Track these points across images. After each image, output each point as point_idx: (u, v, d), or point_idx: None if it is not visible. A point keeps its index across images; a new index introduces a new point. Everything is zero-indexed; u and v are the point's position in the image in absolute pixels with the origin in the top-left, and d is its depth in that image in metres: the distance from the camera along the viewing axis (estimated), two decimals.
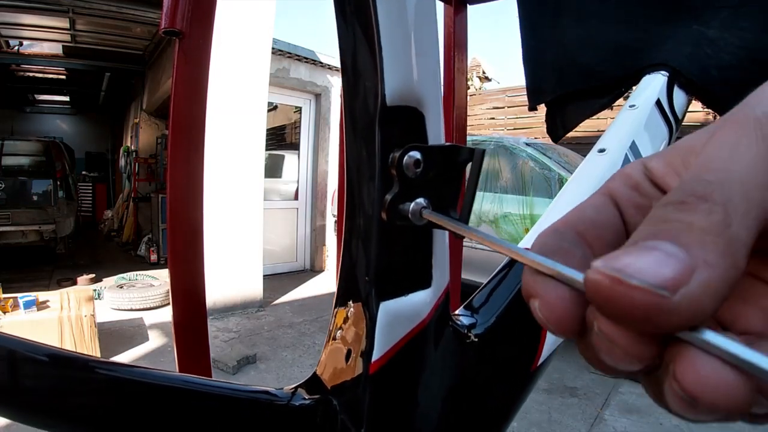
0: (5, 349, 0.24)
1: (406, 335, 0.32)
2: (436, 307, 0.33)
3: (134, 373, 0.28)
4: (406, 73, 0.29)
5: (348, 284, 0.33)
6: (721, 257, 0.12)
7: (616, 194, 0.17)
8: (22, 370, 0.25)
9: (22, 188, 5.33)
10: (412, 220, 0.28)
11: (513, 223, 3.34)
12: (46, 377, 0.26)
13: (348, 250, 0.32)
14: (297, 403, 0.33)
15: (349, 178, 0.32)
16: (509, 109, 6.49)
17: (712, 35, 0.54)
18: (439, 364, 0.35)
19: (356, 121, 0.30)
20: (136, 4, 4.57)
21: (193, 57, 0.53)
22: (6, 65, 7.02)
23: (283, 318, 3.89)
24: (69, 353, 0.27)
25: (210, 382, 0.32)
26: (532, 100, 0.69)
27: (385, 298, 0.31)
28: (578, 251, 0.15)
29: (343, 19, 0.30)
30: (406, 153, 0.28)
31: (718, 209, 0.12)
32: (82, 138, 10.79)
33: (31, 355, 0.25)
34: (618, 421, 2.39)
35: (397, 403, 0.33)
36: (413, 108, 0.30)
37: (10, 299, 2.65)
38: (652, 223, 0.13)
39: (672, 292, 0.11)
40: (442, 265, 0.33)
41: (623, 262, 0.12)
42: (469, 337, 0.37)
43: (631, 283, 0.11)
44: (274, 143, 5.77)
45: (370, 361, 0.30)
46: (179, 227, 0.56)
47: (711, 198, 0.12)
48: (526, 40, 0.67)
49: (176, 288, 0.56)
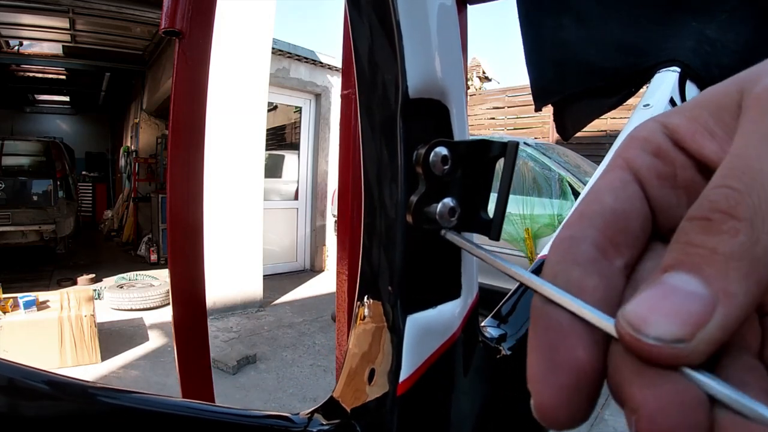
0: (3, 378, 0.22)
1: (436, 351, 0.29)
2: (466, 319, 0.31)
3: (137, 401, 0.26)
4: (429, 63, 0.26)
5: (369, 295, 0.30)
6: (743, 282, 0.11)
7: (635, 165, 0.14)
8: (19, 398, 0.23)
9: (22, 188, 5.34)
10: (440, 224, 0.25)
11: (513, 223, 3.34)
12: (43, 406, 0.24)
13: (368, 258, 0.30)
14: (315, 429, 0.30)
15: (367, 179, 0.29)
16: (509, 109, 6.50)
17: (711, 35, 0.54)
18: (470, 382, 0.32)
19: (374, 118, 0.28)
20: (136, 4, 4.57)
21: (193, 57, 0.53)
22: (6, 65, 7.02)
23: (283, 318, 3.89)
24: (67, 379, 0.25)
25: (220, 409, 0.30)
26: (538, 100, 0.69)
27: (412, 311, 0.28)
28: (595, 271, 0.13)
29: (356, 10, 0.28)
30: (432, 149, 0.25)
31: (743, 227, 0.11)
32: (82, 138, 10.79)
33: (27, 382, 0.23)
34: (618, 421, 2.39)
35: (426, 426, 0.31)
36: (437, 101, 0.27)
37: (10, 299, 2.65)
38: (678, 249, 0.12)
39: (688, 340, 0.11)
40: (470, 273, 0.31)
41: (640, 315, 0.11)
42: (501, 350, 0.34)
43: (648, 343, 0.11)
44: (274, 143, 5.78)
45: (398, 380, 0.28)
46: (179, 227, 0.56)
47: (737, 214, 0.11)
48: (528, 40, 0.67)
49: (176, 288, 0.56)
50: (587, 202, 0.14)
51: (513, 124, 6.42)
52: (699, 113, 0.14)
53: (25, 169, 5.66)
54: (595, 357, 0.12)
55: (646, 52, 0.58)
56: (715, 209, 0.12)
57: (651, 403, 0.11)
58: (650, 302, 0.12)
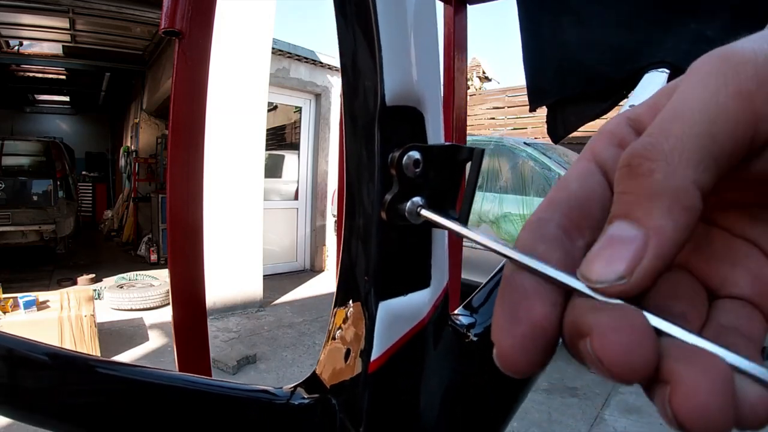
0: (4, 348, 0.24)
1: (405, 335, 0.32)
2: (435, 306, 0.33)
3: (133, 372, 0.28)
4: (406, 73, 0.29)
5: (347, 284, 0.33)
6: (668, 215, 0.12)
7: (601, 157, 0.16)
8: (22, 370, 0.25)
9: (22, 188, 5.33)
10: (409, 219, 0.28)
11: (513, 222, 3.34)
12: (45, 376, 0.26)
13: (348, 249, 0.32)
14: (296, 402, 0.33)
15: (348, 177, 0.32)
16: (509, 109, 6.49)
17: (711, 36, 0.54)
18: (438, 364, 0.35)
19: (356, 121, 0.30)
20: (136, 4, 4.57)
21: (193, 57, 0.53)
22: (6, 65, 7.02)
23: (283, 318, 3.89)
24: (68, 352, 0.27)
25: (209, 381, 0.32)
26: (533, 101, 0.69)
27: (385, 298, 0.31)
28: (558, 247, 0.15)
29: (343, 19, 0.30)
30: (405, 153, 0.28)
31: (657, 166, 0.13)
32: (82, 138, 10.79)
33: (30, 354, 0.25)
34: (618, 421, 2.39)
35: (395, 403, 0.33)
36: (413, 108, 0.30)
37: (10, 299, 2.65)
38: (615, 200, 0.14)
39: (628, 277, 0.13)
40: (441, 265, 0.34)
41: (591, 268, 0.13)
42: (468, 336, 0.37)
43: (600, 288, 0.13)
44: (274, 143, 5.77)
45: (369, 360, 0.31)
46: (179, 227, 0.56)
47: (651, 155, 0.13)
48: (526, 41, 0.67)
49: (176, 288, 0.56)
50: (556, 190, 0.16)
51: (513, 124, 6.42)
52: (658, 99, 0.15)
53: (25, 169, 5.66)
54: (550, 313, 0.14)
55: (639, 54, 0.58)
56: (634, 155, 0.13)
57: (603, 322, 0.12)
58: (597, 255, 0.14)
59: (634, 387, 0.53)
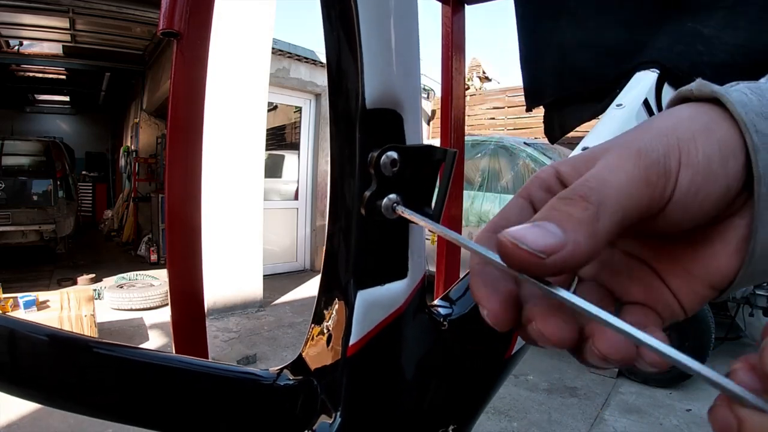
0: (6, 329, 0.26)
1: (382, 322, 0.34)
2: (411, 296, 0.35)
3: (125, 352, 0.30)
4: (386, 77, 0.30)
5: (330, 273, 0.35)
6: (586, 240, 0.17)
7: (533, 196, 0.22)
8: (23, 349, 0.27)
9: (22, 188, 5.34)
10: (385, 215, 0.30)
11: None
12: (44, 355, 0.27)
13: (331, 242, 0.35)
14: (281, 383, 0.35)
15: (332, 174, 0.34)
16: (509, 109, 6.49)
17: (707, 33, 0.54)
18: (413, 350, 0.37)
19: (339, 121, 0.32)
20: (136, 4, 4.58)
21: (192, 58, 0.53)
22: (6, 65, 7.03)
23: (283, 318, 3.89)
24: (66, 333, 0.29)
25: (199, 362, 0.34)
26: (530, 101, 0.69)
27: (363, 287, 0.33)
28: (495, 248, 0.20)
29: (328, 22, 0.31)
30: (384, 153, 0.30)
31: (591, 207, 0.17)
32: (82, 138, 10.79)
33: (30, 334, 0.26)
34: (618, 421, 2.40)
35: (372, 386, 0.35)
36: (392, 110, 0.31)
37: (10, 299, 2.66)
38: (546, 210, 0.18)
39: (547, 255, 0.16)
40: (418, 258, 0.36)
41: (520, 234, 0.17)
42: (444, 324, 0.39)
43: (521, 247, 0.17)
44: (274, 143, 5.78)
45: (348, 345, 0.33)
46: (178, 227, 0.56)
47: (589, 198, 0.18)
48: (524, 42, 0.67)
49: (175, 288, 0.56)
50: (499, 216, 0.22)
51: (513, 124, 6.42)
52: (578, 163, 0.21)
53: (25, 169, 5.65)
54: (514, 287, 0.20)
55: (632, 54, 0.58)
56: (576, 194, 0.18)
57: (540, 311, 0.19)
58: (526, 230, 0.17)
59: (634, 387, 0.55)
